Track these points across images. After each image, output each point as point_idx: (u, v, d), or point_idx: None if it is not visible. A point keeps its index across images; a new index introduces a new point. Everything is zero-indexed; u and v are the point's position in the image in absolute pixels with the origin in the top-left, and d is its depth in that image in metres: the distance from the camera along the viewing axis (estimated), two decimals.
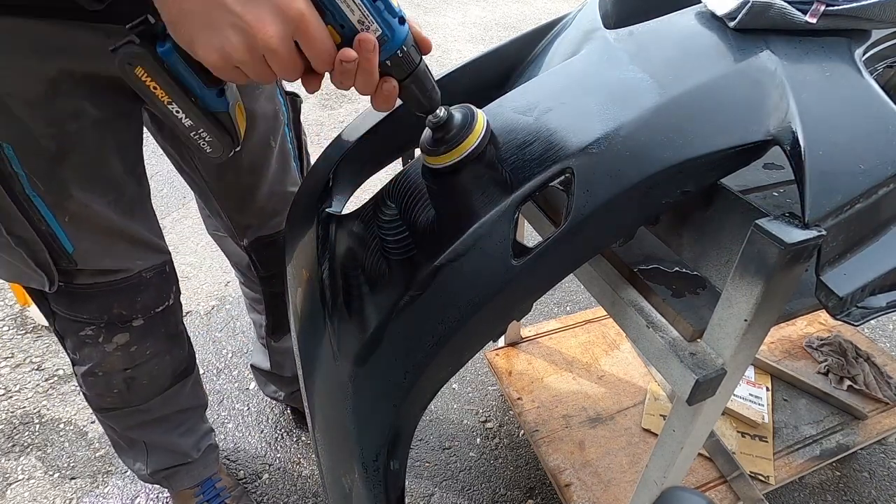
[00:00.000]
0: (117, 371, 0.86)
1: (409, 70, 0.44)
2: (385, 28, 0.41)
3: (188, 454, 1.09)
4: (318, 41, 0.40)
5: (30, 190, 0.64)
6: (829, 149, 0.44)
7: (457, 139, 0.49)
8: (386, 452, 0.49)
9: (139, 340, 0.85)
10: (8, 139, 0.61)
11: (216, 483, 1.16)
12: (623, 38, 0.59)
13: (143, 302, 0.82)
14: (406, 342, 0.48)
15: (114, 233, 0.74)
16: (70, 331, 0.81)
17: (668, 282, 0.56)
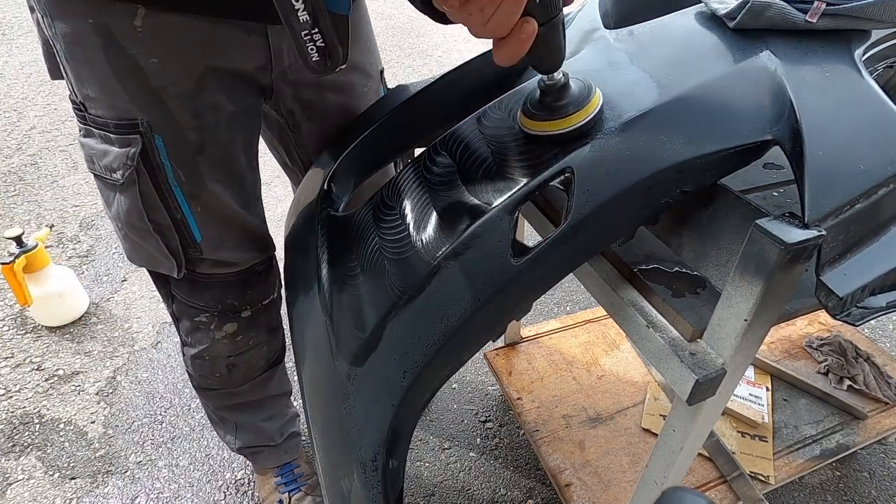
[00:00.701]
0: (222, 357, 0.90)
1: (552, 14, 0.40)
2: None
3: (272, 437, 1.14)
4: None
5: (173, 180, 0.67)
6: (828, 149, 0.44)
7: (568, 108, 0.46)
8: (385, 452, 0.49)
9: (245, 330, 0.89)
10: (160, 130, 0.64)
11: (295, 468, 1.21)
12: (623, 38, 0.59)
13: (252, 294, 0.86)
14: (405, 342, 0.48)
15: (235, 223, 0.77)
16: (186, 315, 0.85)
17: (668, 281, 0.56)
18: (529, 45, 0.41)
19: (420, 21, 4.17)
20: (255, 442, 1.14)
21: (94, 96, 0.62)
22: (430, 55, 3.62)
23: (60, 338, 1.62)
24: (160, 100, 0.62)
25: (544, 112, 0.47)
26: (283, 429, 1.17)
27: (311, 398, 0.58)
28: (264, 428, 1.12)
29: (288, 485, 1.20)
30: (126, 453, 1.33)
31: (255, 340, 0.92)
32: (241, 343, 0.90)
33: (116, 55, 0.59)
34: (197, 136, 0.66)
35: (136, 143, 0.63)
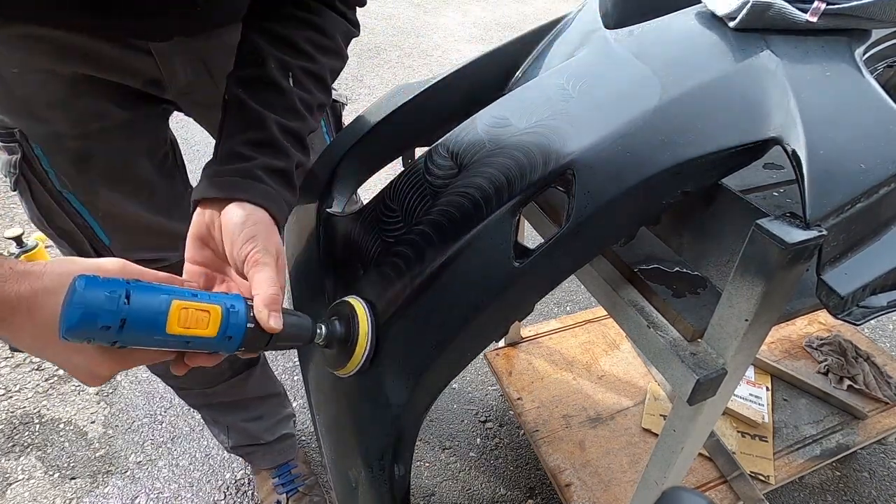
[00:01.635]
0: None
1: (259, 348, 0.44)
2: (210, 350, 0.42)
3: (261, 437, 1.14)
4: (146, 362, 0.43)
5: (60, 186, 0.66)
6: (829, 148, 0.44)
7: (347, 351, 0.50)
8: (391, 455, 0.49)
9: None
10: (36, 139, 0.63)
11: (292, 469, 1.21)
12: (623, 38, 0.59)
13: None
14: (408, 344, 0.48)
15: (150, 230, 0.75)
16: None
17: (669, 282, 0.56)
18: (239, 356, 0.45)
19: (420, 21, 4.18)
20: (245, 441, 1.14)
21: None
22: (430, 55, 3.62)
23: None
24: (28, 109, 0.60)
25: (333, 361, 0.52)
26: (275, 429, 1.16)
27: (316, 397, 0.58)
28: (250, 428, 1.12)
29: (285, 485, 1.19)
30: (126, 453, 1.33)
31: None
32: None
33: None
34: (79, 144, 0.64)
35: (16, 151, 0.63)
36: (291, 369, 1.55)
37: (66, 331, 0.34)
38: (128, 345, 0.38)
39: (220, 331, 0.40)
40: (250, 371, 1.02)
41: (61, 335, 0.35)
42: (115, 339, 0.36)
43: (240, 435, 1.12)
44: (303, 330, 0.47)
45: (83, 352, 0.39)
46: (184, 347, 0.40)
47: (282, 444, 1.19)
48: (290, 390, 1.49)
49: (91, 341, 0.36)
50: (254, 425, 1.11)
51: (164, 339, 0.38)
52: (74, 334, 0.35)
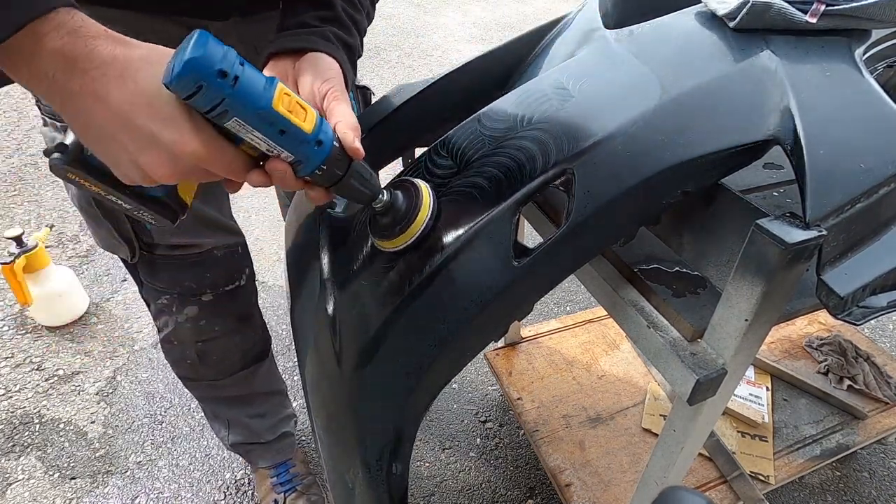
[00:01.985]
0: (189, 343, 0.91)
1: (332, 181, 0.44)
2: (297, 154, 0.41)
3: (262, 435, 1.14)
4: (221, 167, 0.40)
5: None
6: (829, 148, 0.44)
7: (405, 222, 0.48)
8: (389, 454, 0.49)
9: (208, 315, 0.89)
10: None
11: (290, 468, 1.22)
12: (623, 38, 0.59)
13: (212, 278, 0.87)
14: (407, 343, 0.48)
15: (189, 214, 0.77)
16: (151, 298, 0.88)
17: (669, 282, 0.56)
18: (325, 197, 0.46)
19: (420, 21, 4.18)
20: (246, 439, 1.14)
21: None
22: (430, 55, 3.62)
23: (60, 338, 1.62)
24: None
25: (381, 231, 0.50)
26: (276, 428, 1.17)
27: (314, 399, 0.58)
28: (253, 425, 1.13)
29: (283, 485, 1.20)
30: (126, 453, 1.33)
31: (223, 328, 0.92)
32: (206, 328, 0.90)
33: None
34: None
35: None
36: (291, 369, 1.55)
37: (184, 65, 0.33)
38: (229, 112, 0.36)
39: (314, 130, 0.40)
40: (259, 365, 1.04)
41: (172, 75, 0.33)
42: (224, 96, 0.35)
43: (241, 432, 1.13)
44: (372, 182, 0.46)
45: (172, 123, 0.36)
46: (276, 139, 0.39)
47: (281, 443, 1.20)
48: (290, 390, 1.49)
49: (196, 94, 0.34)
50: (256, 422, 1.12)
51: (266, 114, 0.37)
52: (189, 72, 0.33)
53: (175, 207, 0.49)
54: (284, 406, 1.20)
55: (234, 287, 0.91)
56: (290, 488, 1.20)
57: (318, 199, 0.46)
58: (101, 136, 0.38)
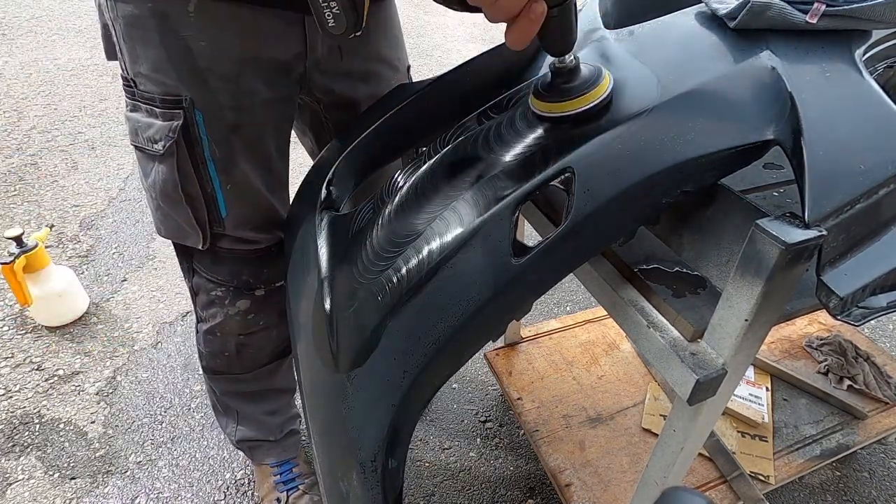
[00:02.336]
0: (233, 335, 0.94)
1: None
2: None
3: (272, 432, 1.17)
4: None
5: (209, 153, 0.73)
6: (829, 149, 0.44)
7: (579, 90, 0.47)
8: (384, 452, 0.49)
9: (257, 310, 0.92)
10: (201, 107, 0.70)
11: (293, 467, 1.23)
12: (623, 38, 0.59)
13: (267, 274, 0.89)
14: (405, 342, 0.48)
15: (259, 204, 0.82)
16: (203, 289, 0.90)
17: (669, 282, 0.56)
18: (538, 26, 0.42)
19: (420, 21, 4.17)
20: (256, 436, 1.16)
21: (146, 73, 0.69)
22: (430, 55, 3.61)
23: (60, 338, 1.62)
24: (204, 80, 0.68)
25: (555, 94, 0.48)
26: (284, 426, 1.19)
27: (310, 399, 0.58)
28: (266, 421, 1.14)
29: (286, 483, 1.21)
30: (126, 453, 1.33)
31: (266, 322, 0.94)
32: (252, 322, 0.93)
33: (170, 36, 0.65)
34: (233, 116, 0.71)
35: (178, 118, 0.69)
36: None
37: None
38: None
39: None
40: (282, 361, 1.06)
41: None
42: None
43: (251, 427, 1.15)
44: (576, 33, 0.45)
45: None
46: None
47: (288, 441, 1.21)
48: None
49: None
50: (268, 419, 1.15)
51: None
52: None
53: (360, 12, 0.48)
54: (292, 405, 1.22)
55: (282, 283, 0.92)
56: (293, 487, 1.20)
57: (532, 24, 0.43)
58: None
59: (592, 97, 0.47)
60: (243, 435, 1.15)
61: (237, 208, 0.79)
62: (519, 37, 0.43)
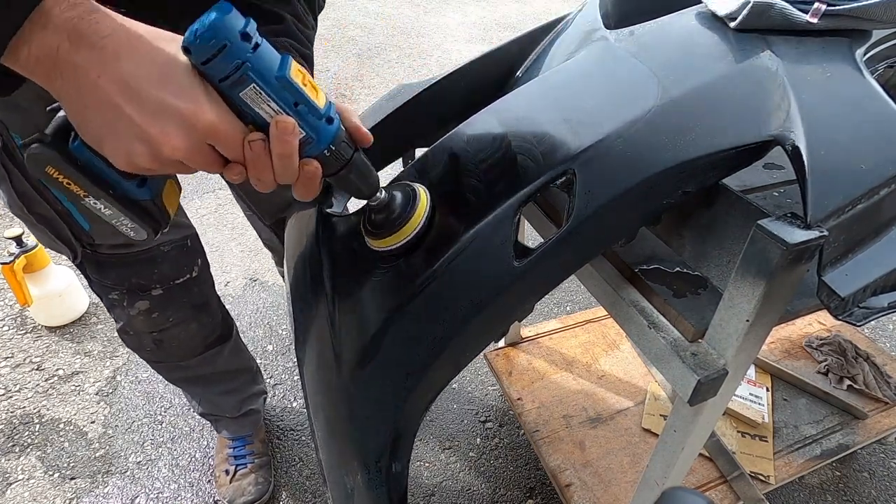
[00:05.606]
0: (144, 333, 0.92)
1: (340, 165, 0.43)
2: (308, 130, 0.40)
3: (227, 410, 1.20)
4: (233, 143, 0.39)
5: None
6: (830, 149, 0.44)
7: (399, 221, 0.47)
8: (388, 454, 0.49)
9: (160, 308, 0.90)
10: (16, 130, 0.64)
11: (247, 444, 1.27)
12: (624, 38, 0.59)
13: (160, 273, 0.87)
14: (407, 344, 0.48)
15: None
16: (101, 293, 0.88)
17: (670, 282, 0.56)
18: (317, 184, 0.44)
19: (420, 21, 4.18)
20: (212, 411, 1.20)
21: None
22: (430, 55, 3.61)
23: (60, 338, 1.61)
24: (15, 103, 0.61)
25: (375, 229, 0.49)
26: (242, 405, 1.22)
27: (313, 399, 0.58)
28: (219, 401, 1.17)
29: (237, 458, 1.25)
30: (126, 453, 1.33)
31: (178, 317, 0.93)
32: (160, 320, 0.91)
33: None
34: None
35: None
36: (291, 369, 1.55)
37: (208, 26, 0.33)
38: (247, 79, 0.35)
39: (325, 106, 0.40)
40: (222, 346, 1.07)
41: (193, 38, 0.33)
42: (244, 59, 0.35)
43: (208, 406, 1.18)
44: (374, 177, 0.46)
45: (186, 93, 0.35)
46: (291, 111, 0.38)
47: (245, 420, 1.25)
48: (291, 389, 1.49)
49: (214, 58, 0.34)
50: (222, 398, 1.17)
51: (283, 82, 0.37)
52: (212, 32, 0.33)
53: (158, 216, 0.46)
54: (255, 383, 1.25)
55: (185, 280, 0.91)
56: (243, 464, 1.24)
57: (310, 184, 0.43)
58: (105, 110, 0.35)
59: (408, 230, 0.48)
60: (203, 410, 1.20)
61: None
62: (303, 194, 0.44)
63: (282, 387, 1.50)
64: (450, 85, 0.73)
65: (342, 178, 0.44)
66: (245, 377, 1.20)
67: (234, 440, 1.27)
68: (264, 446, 1.31)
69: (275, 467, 1.31)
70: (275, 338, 1.64)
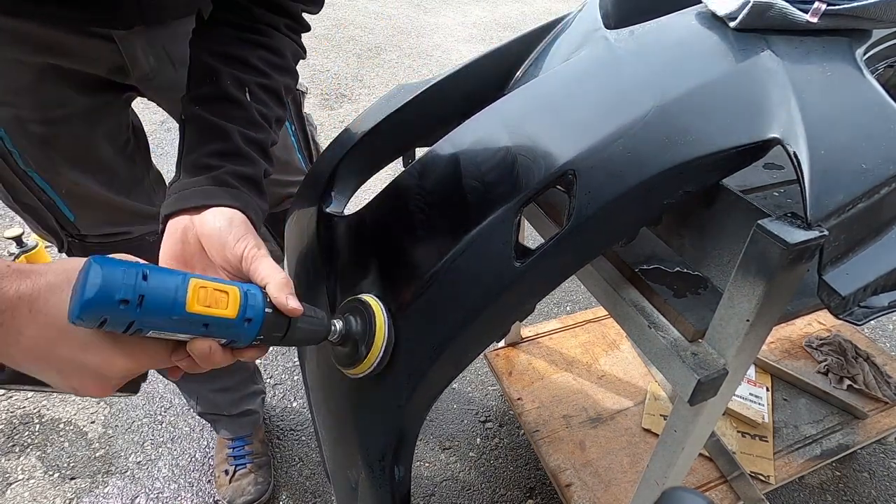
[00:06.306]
0: None
1: (277, 339, 0.43)
2: (228, 337, 0.40)
3: (224, 409, 1.20)
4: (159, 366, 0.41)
5: (24, 165, 0.69)
6: (830, 148, 0.44)
7: (365, 350, 0.48)
8: (391, 455, 0.49)
9: None
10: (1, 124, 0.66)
11: (246, 444, 1.27)
12: (624, 38, 0.59)
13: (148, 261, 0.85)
14: (409, 344, 0.48)
15: (111, 207, 0.79)
16: None
17: (670, 282, 0.56)
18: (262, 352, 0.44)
19: (420, 21, 4.18)
20: (210, 410, 1.20)
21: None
22: (430, 55, 3.61)
23: None
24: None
25: (346, 360, 0.50)
26: (239, 404, 1.22)
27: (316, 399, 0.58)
28: (216, 399, 1.17)
29: (236, 458, 1.25)
30: (126, 453, 1.33)
31: None
32: None
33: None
34: (43, 128, 0.67)
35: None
36: (292, 368, 1.55)
37: (81, 307, 0.32)
38: (144, 328, 0.35)
39: (239, 311, 0.39)
40: None
41: (74, 316, 0.33)
42: (133, 319, 0.34)
43: (206, 403, 1.18)
44: (319, 323, 0.45)
45: (93, 348, 0.36)
46: (202, 332, 0.38)
47: (243, 419, 1.25)
48: (290, 389, 1.49)
49: (105, 324, 0.34)
50: (219, 396, 1.17)
51: (183, 318, 0.36)
52: (89, 312, 0.33)
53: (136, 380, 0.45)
54: (253, 383, 1.25)
55: None
56: (242, 464, 1.25)
57: (256, 357, 0.45)
58: (30, 370, 0.37)
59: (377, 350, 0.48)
60: (201, 409, 1.20)
61: (84, 210, 0.77)
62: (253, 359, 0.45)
63: (282, 387, 1.50)
64: (450, 85, 0.73)
65: (288, 341, 0.44)
66: (242, 375, 1.21)
67: (233, 440, 1.27)
68: (264, 446, 1.31)
69: (275, 467, 1.31)
70: None
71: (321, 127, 2.70)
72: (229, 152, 0.54)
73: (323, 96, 3.02)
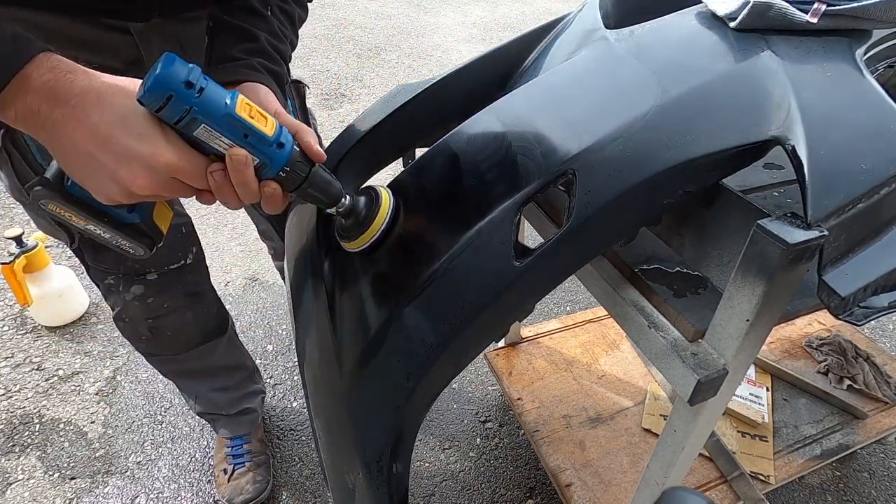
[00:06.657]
0: (140, 320, 0.94)
1: (298, 182, 0.47)
2: (261, 157, 0.44)
3: (223, 408, 1.21)
4: (195, 176, 0.44)
5: (41, 159, 0.70)
6: (830, 148, 0.44)
7: (365, 222, 0.51)
8: (389, 454, 0.49)
9: (155, 293, 0.92)
10: None
11: (245, 444, 1.28)
12: (624, 38, 0.59)
13: (155, 258, 0.88)
14: (408, 345, 0.48)
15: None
16: (98, 278, 0.90)
17: (670, 282, 0.56)
18: (281, 200, 0.49)
19: (420, 21, 4.18)
20: (209, 410, 1.21)
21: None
22: (430, 55, 3.61)
23: (60, 338, 1.61)
24: None
25: (346, 233, 0.53)
26: (238, 403, 1.23)
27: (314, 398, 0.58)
28: (215, 398, 1.18)
29: (235, 457, 1.25)
30: (126, 453, 1.33)
31: (172, 305, 0.94)
32: (155, 305, 0.92)
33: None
34: None
35: (1, 126, 0.67)
36: (292, 369, 1.55)
37: (154, 80, 0.38)
38: (196, 121, 0.40)
39: (275, 132, 0.44)
40: (218, 340, 1.08)
41: (144, 89, 0.38)
42: (190, 105, 0.39)
43: (205, 403, 1.19)
44: (334, 186, 0.50)
45: (146, 138, 0.40)
46: (242, 142, 0.42)
47: (241, 418, 1.25)
48: (292, 389, 1.49)
49: (166, 105, 0.38)
50: (218, 395, 1.18)
51: (230, 118, 0.41)
52: (158, 86, 0.38)
53: (151, 234, 0.52)
54: (252, 382, 1.26)
55: (179, 266, 0.92)
56: (240, 463, 1.25)
57: (273, 202, 0.48)
58: (82, 157, 0.41)
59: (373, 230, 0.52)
60: (200, 409, 1.20)
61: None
62: (271, 210, 0.49)
63: (282, 387, 1.50)
64: (450, 85, 0.73)
65: (303, 192, 0.48)
66: (241, 374, 1.21)
67: (231, 439, 1.27)
68: (263, 446, 1.31)
69: (275, 467, 1.31)
70: (275, 338, 1.64)
71: (321, 127, 2.70)
72: (258, 50, 0.61)
73: (323, 96, 3.02)
